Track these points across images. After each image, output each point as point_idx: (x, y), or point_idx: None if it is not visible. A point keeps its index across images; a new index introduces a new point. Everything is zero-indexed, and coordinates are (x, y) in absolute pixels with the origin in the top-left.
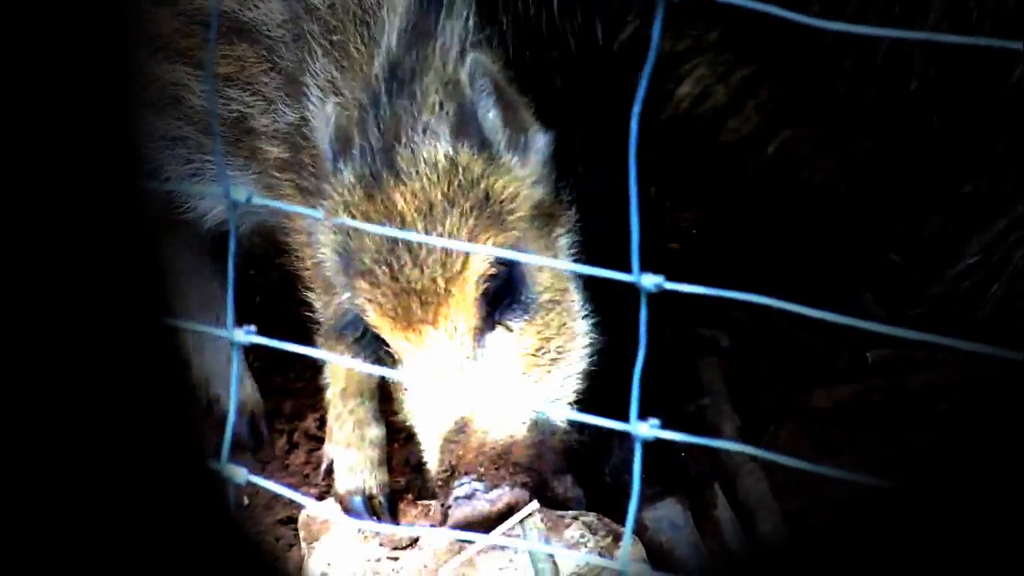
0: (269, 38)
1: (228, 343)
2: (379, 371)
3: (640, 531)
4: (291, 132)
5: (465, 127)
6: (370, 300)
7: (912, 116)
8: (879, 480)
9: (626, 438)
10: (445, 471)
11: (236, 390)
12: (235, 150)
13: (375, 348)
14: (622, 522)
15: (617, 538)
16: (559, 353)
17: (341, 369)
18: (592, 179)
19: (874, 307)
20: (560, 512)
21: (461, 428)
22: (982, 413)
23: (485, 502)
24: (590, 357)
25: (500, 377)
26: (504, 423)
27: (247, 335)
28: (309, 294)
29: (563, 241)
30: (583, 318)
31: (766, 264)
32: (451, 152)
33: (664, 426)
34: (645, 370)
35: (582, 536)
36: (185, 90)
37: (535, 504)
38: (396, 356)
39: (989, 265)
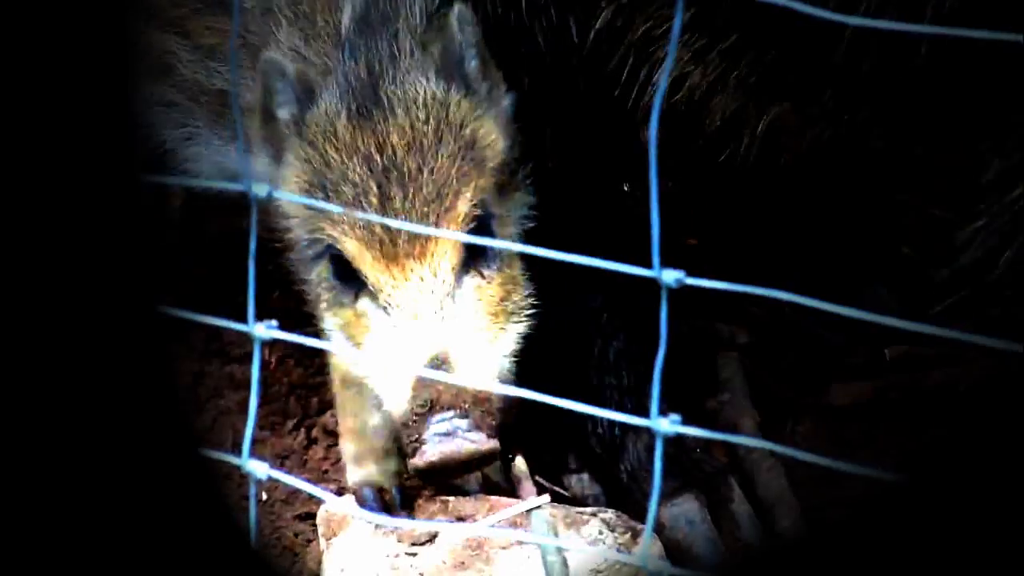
0: (243, 11)
1: None
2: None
3: (658, 528)
4: None
5: (451, 69)
6: (352, 231)
7: (914, 85)
8: (898, 476)
9: (641, 435)
10: (422, 405)
11: (258, 387)
12: (221, 120)
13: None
14: (638, 519)
15: (636, 535)
16: (515, 309)
17: (339, 361)
18: (565, 173)
19: (890, 302)
20: (579, 509)
21: (439, 365)
22: (998, 409)
23: (467, 441)
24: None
25: (474, 321)
26: (482, 366)
27: (268, 330)
28: (302, 286)
29: (515, 216)
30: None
31: (779, 260)
32: (440, 91)
33: (685, 422)
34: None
35: (600, 533)
36: (174, 58)
37: (546, 497)
38: (374, 289)
39: (997, 237)
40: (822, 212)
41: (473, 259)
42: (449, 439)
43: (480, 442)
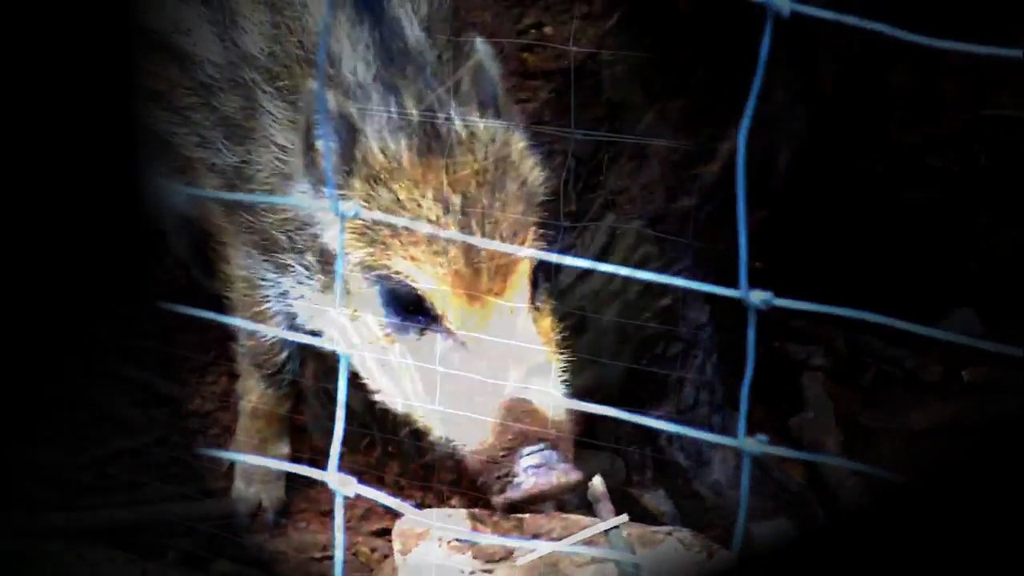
0: (206, 74)
1: None
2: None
3: (748, 546)
4: (234, 168)
5: (488, 104)
6: (431, 267)
7: None
8: (977, 496)
9: (727, 452)
10: (512, 439)
11: (345, 402)
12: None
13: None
14: (721, 536)
15: (712, 554)
16: (556, 339)
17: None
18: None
19: (976, 325)
20: (654, 528)
21: (522, 400)
22: None
23: (560, 472)
24: None
25: (542, 351)
26: (558, 395)
27: (354, 346)
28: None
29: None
30: None
31: (851, 281)
32: (496, 127)
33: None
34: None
35: (676, 552)
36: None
37: (624, 517)
38: (451, 325)
39: None
40: (904, 234)
41: (532, 293)
42: (544, 471)
43: (570, 473)
